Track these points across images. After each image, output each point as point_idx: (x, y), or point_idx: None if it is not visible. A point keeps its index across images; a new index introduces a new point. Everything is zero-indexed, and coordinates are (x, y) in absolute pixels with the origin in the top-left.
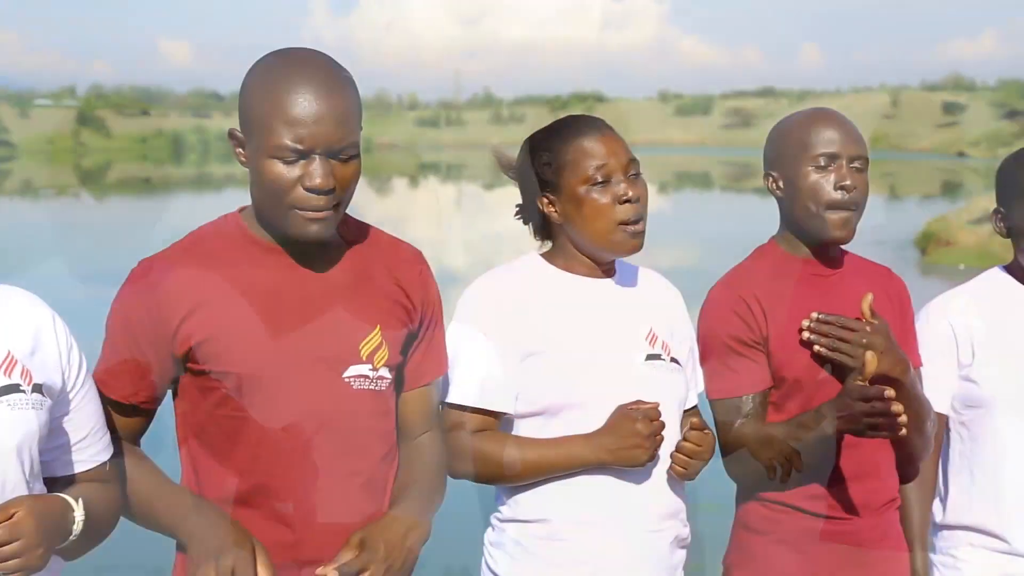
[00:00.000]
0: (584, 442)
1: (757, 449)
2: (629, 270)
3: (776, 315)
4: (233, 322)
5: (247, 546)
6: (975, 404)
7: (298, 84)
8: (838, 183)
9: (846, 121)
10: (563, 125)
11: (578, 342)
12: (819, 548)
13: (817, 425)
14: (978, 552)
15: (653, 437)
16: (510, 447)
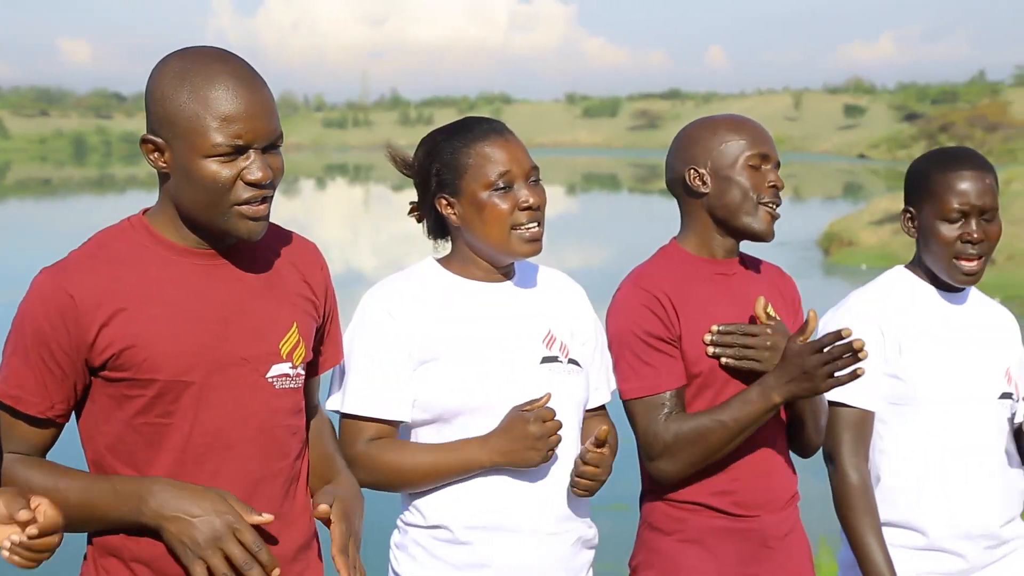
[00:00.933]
0: (478, 445)
1: (696, 439)
2: (529, 271)
3: (686, 313)
4: (154, 328)
5: (230, 509)
6: (900, 401)
7: (225, 81)
8: (771, 184)
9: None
10: (465, 127)
11: (473, 348)
12: (724, 546)
13: (764, 397)
14: (897, 551)
15: (546, 438)
16: (405, 454)
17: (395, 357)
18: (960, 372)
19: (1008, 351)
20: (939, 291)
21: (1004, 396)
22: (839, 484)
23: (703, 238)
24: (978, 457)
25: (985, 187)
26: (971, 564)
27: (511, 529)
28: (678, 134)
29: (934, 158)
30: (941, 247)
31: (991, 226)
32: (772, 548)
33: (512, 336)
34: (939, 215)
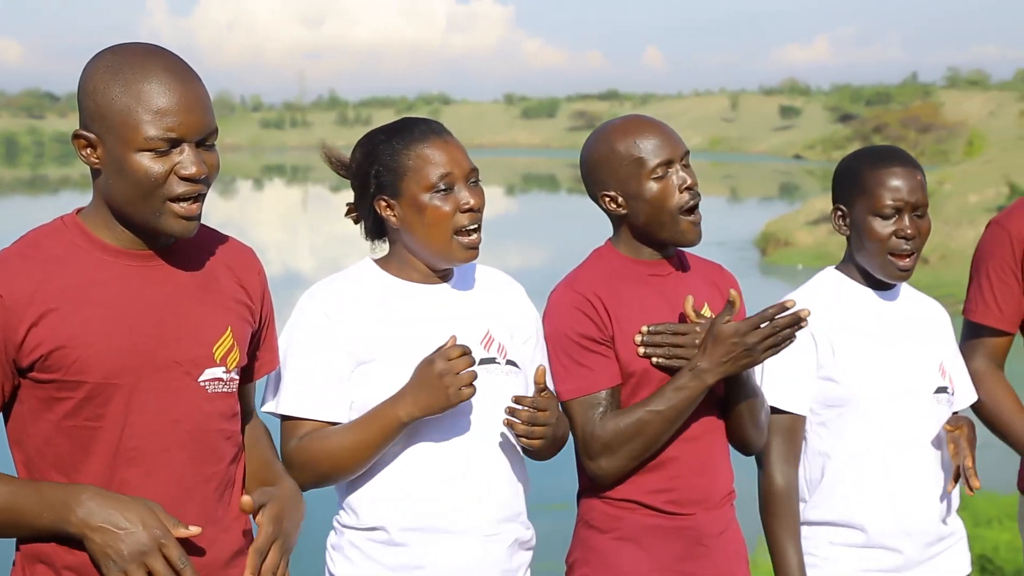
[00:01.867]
0: (391, 404)
1: (635, 433)
2: (467, 271)
3: (620, 314)
4: (85, 329)
5: (158, 522)
6: (836, 403)
7: (159, 74)
8: (682, 187)
9: (663, 124)
10: (404, 128)
11: (411, 350)
12: (660, 543)
13: (697, 381)
14: (838, 549)
15: (454, 374)
16: (329, 438)
17: (332, 358)
18: (895, 370)
19: (941, 345)
20: (870, 289)
21: (939, 391)
22: (763, 487)
23: (633, 244)
24: (917, 453)
25: (917, 183)
26: (910, 559)
27: (448, 531)
28: (582, 153)
29: (865, 156)
30: (875, 243)
31: (923, 222)
32: (707, 546)
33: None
34: (873, 211)
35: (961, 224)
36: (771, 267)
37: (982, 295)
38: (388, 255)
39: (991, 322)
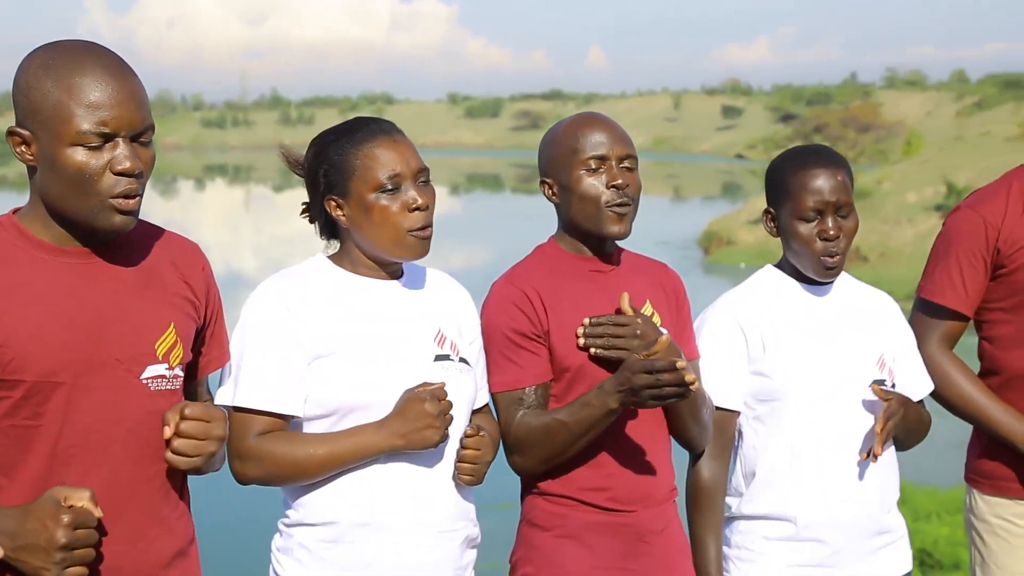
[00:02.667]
0: (374, 430)
1: (543, 438)
2: (416, 271)
3: (557, 309)
4: (24, 327)
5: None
6: (769, 398)
7: (92, 69)
8: (610, 183)
9: (612, 123)
10: (354, 128)
11: (369, 344)
12: (602, 540)
13: (601, 402)
14: (771, 544)
15: (443, 416)
16: (299, 445)
17: (290, 351)
18: (827, 364)
19: (883, 337)
20: (804, 286)
21: (876, 383)
22: (690, 481)
23: (573, 240)
24: (850, 446)
25: (838, 184)
26: (841, 551)
27: (401, 529)
28: (541, 140)
29: (788, 158)
30: (801, 245)
31: (847, 221)
32: (649, 543)
33: (406, 334)
34: (796, 214)
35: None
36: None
37: (950, 278)
38: (340, 252)
39: (957, 305)
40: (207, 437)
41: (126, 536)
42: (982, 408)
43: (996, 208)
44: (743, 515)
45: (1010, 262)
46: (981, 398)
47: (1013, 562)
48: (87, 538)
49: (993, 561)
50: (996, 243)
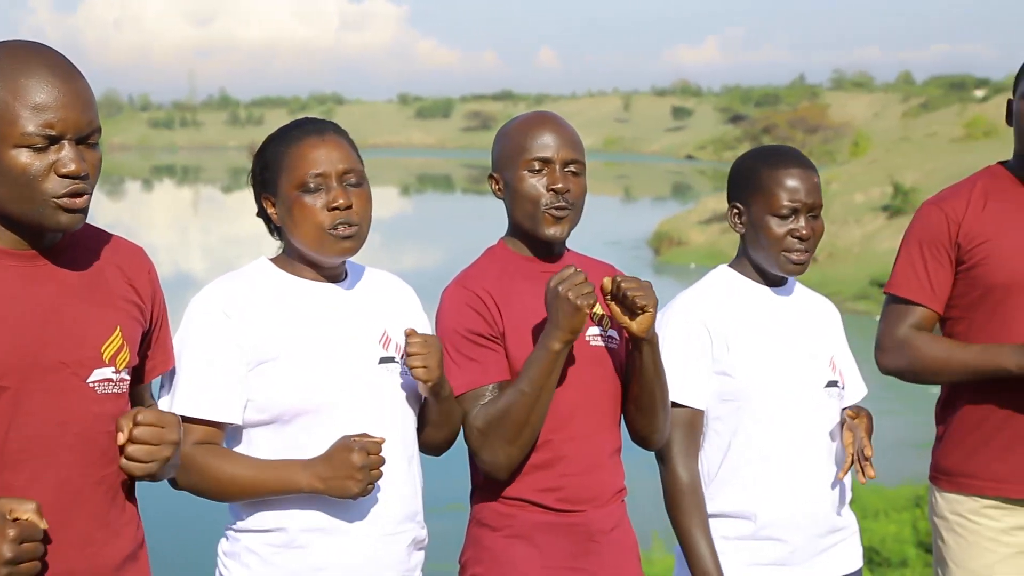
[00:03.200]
0: (300, 468)
1: (501, 416)
2: (360, 272)
3: (509, 311)
4: None
5: None
6: (731, 398)
7: (37, 70)
8: (550, 186)
9: (564, 126)
10: (290, 128)
11: (313, 348)
12: (552, 540)
13: (544, 350)
14: (730, 543)
15: (368, 471)
16: (226, 463)
17: (229, 357)
18: (787, 364)
19: (832, 340)
20: (763, 285)
21: (830, 384)
22: (668, 483)
23: (520, 239)
24: (808, 446)
25: (813, 185)
26: (799, 551)
27: (349, 531)
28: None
29: (763, 155)
30: (771, 242)
31: (817, 223)
32: (598, 543)
33: (350, 336)
34: (770, 211)
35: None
36: (664, 266)
37: (915, 272)
38: (282, 253)
39: (924, 300)
40: (161, 442)
41: (75, 542)
42: (958, 354)
43: (958, 204)
44: None
45: (969, 257)
46: (954, 347)
47: (969, 559)
48: (34, 551)
49: (951, 558)
50: (957, 238)
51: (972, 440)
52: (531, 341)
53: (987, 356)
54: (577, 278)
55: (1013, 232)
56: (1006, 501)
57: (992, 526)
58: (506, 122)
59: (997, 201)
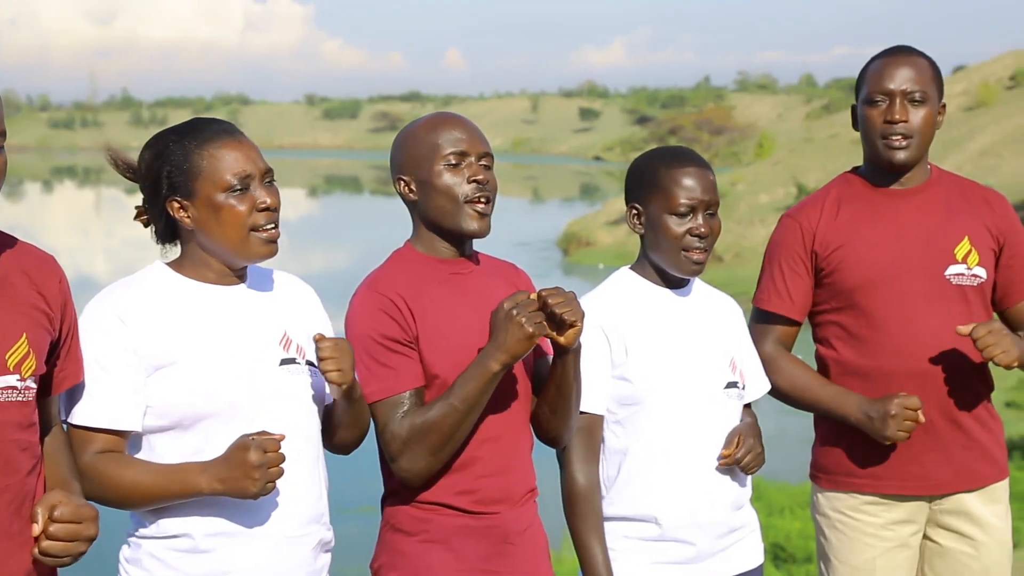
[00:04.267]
0: (198, 470)
1: (428, 429)
2: (261, 274)
3: (422, 315)
4: None
5: None
6: (630, 402)
7: None
8: (471, 177)
9: (470, 121)
10: (195, 128)
11: (212, 351)
12: (467, 543)
13: (482, 368)
14: (633, 543)
15: (265, 468)
16: (128, 471)
17: (126, 364)
18: (686, 367)
19: (733, 340)
20: (663, 287)
21: (730, 385)
22: (566, 487)
23: (430, 241)
24: (708, 448)
25: (709, 183)
26: (702, 551)
27: (254, 534)
28: (394, 139)
29: (659, 155)
30: (669, 241)
31: (714, 221)
32: (512, 543)
33: (250, 339)
34: (668, 210)
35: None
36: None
37: (774, 285)
38: (181, 257)
39: (783, 311)
40: (77, 539)
41: None
42: (812, 391)
43: (812, 214)
44: (605, 516)
45: (827, 264)
46: (811, 382)
47: (851, 554)
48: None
49: (834, 555)
50: (813, 247)
51: (849, 439)
52: (445, 345)
53: (836, 401)
54: (532, 305)
55: (865, 234)
56: (884, 497)
57: (872, 521)
58: (407, 125)
59: (850, 207)
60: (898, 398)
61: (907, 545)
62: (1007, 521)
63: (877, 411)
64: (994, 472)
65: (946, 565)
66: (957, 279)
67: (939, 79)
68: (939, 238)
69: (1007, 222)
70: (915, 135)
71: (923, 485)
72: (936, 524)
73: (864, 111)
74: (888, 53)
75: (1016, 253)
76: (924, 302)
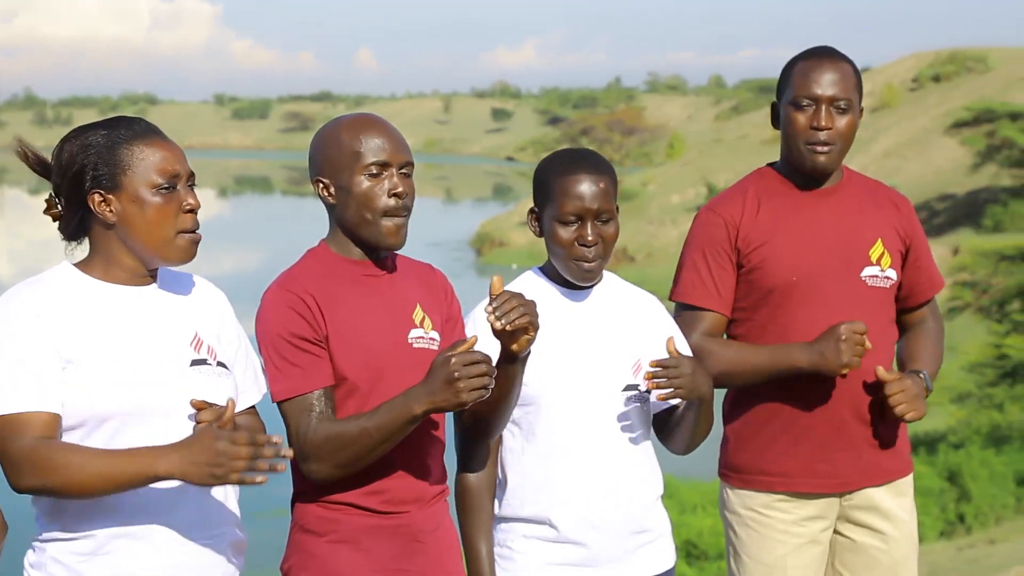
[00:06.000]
0: (157, 454)
1: (342, 444)
2: (172, 275)
3: (333, 315)
4: None
5: None
6: (525, 402)
7: None
8: (391, 191)
9: (393, 128)
10: (121, 124)
11: (121, 351)
12: (377, 543)
13: (405, 408)
14: (530, 542)
15: (231, 460)
16: (74, 453)
17: (46, 354)
18: (581, 369)
19: (642, 341)
20: (565, 290)
21: (629, 388)
22: (458, 486)
23: (345, 242)
24: (605, 450)
25: (599, 191)
26: (599, 554)
27: (162, 536)
28: (314, 137)
29: (554, 161)
30: (559, 248)
31: (607, 228)
32: (423, 543)
33: (160, 339)
34: (556, 217)
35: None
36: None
37: (700, 279)
38: (90, 256)
39: (712, 305)
40: None
41: None
42: (749, 359)
43: (734, 208)
44: (503, 516)
45: (747, 262)
46: (744, 352)
47: (762, 551)
48: None
49: (745, 552)
50: (736, 242)
51: (760, 438)
52: (355, 345)
53: (778, 356)
54: (477, 368)
55: (786, 234)
56: (795, 495)
57: (783, 518)
58: (327, 124)
59: (770, 204)
60: (844, 324)
61: (818, 541)
62: (913, 514)
63: (827, 343)
64: (901, 467)
65: (857, 559)
66: (872, 280)
67: (860, 85)
68: (855, 239)
69: (912, 226)
70: (838, 142)
71: (834, 482)
72: (846, 519)
73: (789, 113)
74: (815, 55)
75: (920, 256)
76: (840, 303)
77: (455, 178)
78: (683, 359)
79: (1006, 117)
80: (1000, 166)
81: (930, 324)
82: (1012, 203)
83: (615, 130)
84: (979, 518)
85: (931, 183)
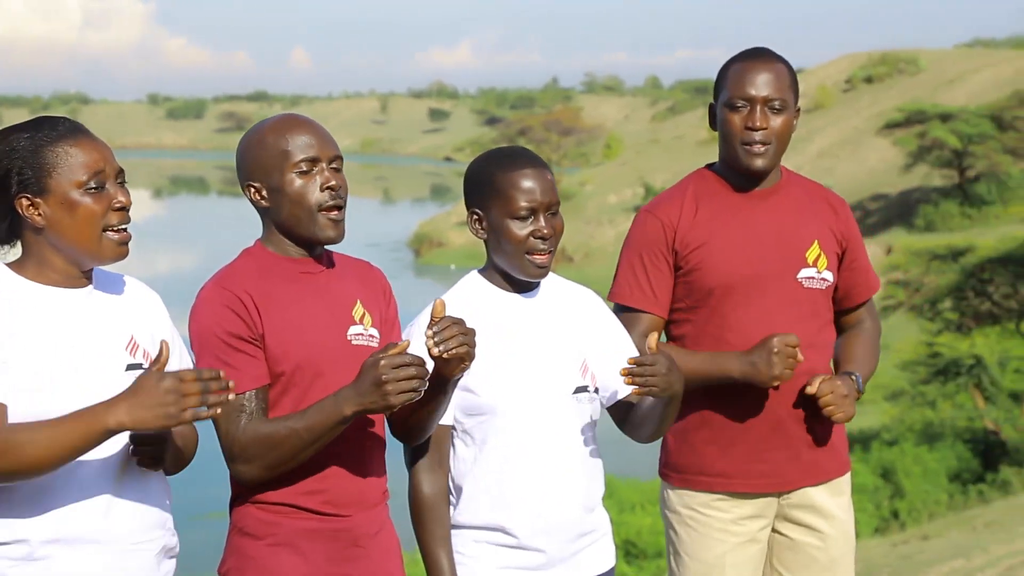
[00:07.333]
0: (103, 409)
1: (271, 445)
2: (108, 277)
3: (270, 312)
4: None
5: None
6: (476, 412)
7: None
8: (324, 185)
9: (318, 124)
10: (46, 125)
11: (54, 355)
12: (317, 547)
13: (336, 409)
14: (483, 547)
15: (181, 397)
16: (19, 431)
17: None
18: (530, 375)
19: (586, 339)
20: (510, 292)
21: (579, 390)
22: (411, 496)
23: (281, 242)
24: (556, 453)
25: (548, 184)
26: (553, 557)
27: (94, 541)
28: (239, 143)
29: (494, 159)
30: (513, 245)
31: (556, 220)
32: (364, 547)
33: (95, 343)
34: (509, 214)
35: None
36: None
37: (637, 281)
38: (23, 258)
39: (648, 307)
40: None
41: None
42: (685, 365)
43: (672, 211)
44: (456, 524)
45: (686, 263)
46: (681, 357)
47: (701, 550)
48: None
49: (685, 551)
50: (674, 244)
51: (699, 438)
52: (293, 341)
53: (712, 364)
54: (407, 371)
55: (724, 236)
56: (734, 495)
57: (722, 517)
58: (250, 129)
59: (708, 206)
60: (776, 336)
61: (756, 540)
62: (850, 513)
63: (759, 355)
64: (838, 466)
65: (795, 557)
66: (808, 282)
67: (796, 85)
68: (792, 241)
69: (849, 228)
70: (774, 142)
71: (772, 482)
72: (784, 518)
73: (725, 114)
74: (749, 56)
75: (856, 258)
76: (778, 305)
77: (393, 178)
78: (659, 357)
79: (937, 118)
80: (931, 166)
81: (867, 325)
82: (943, 203)
83: (552, 130)
84: (912, 514)
85: (864, 183)
